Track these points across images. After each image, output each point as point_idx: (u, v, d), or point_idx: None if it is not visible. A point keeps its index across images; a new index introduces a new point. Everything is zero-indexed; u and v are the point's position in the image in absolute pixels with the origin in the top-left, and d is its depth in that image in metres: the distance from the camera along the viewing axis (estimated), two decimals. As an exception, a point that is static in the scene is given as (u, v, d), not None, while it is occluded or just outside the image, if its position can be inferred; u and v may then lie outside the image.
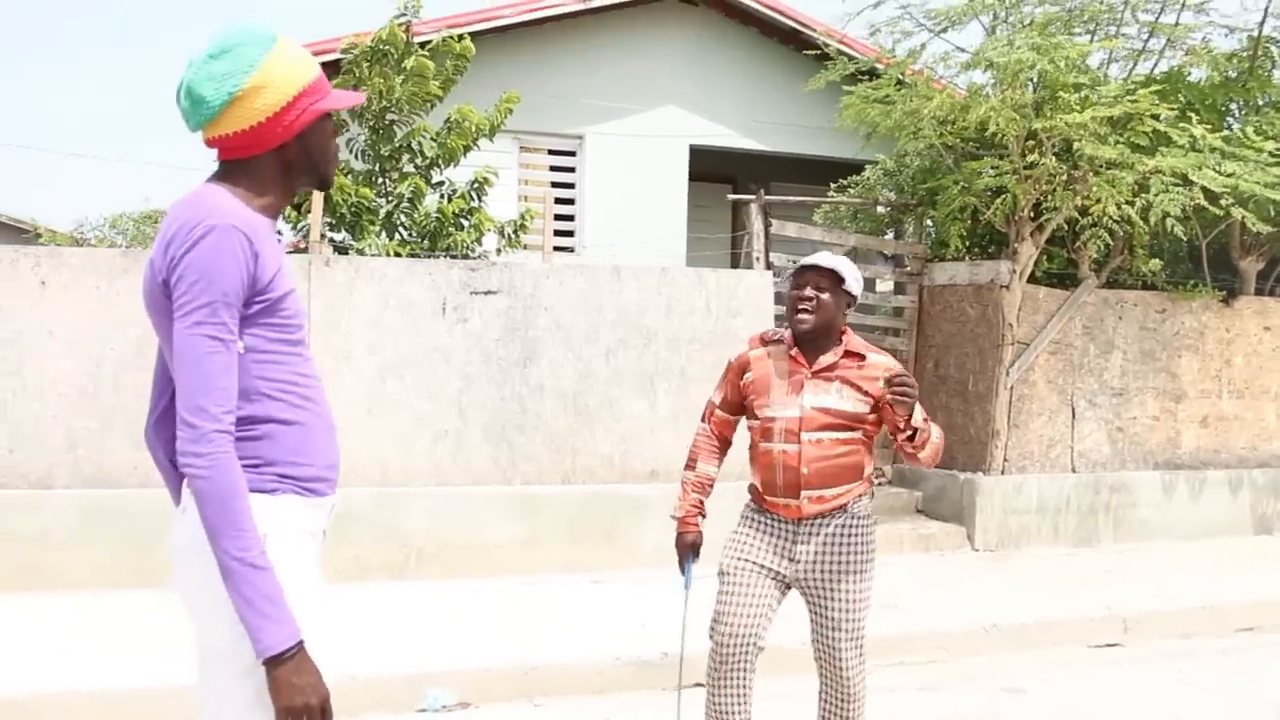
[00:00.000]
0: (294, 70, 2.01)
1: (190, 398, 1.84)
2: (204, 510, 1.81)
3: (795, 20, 10.73)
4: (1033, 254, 8.06)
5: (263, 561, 1.81)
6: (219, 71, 1.95)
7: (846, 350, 3.34)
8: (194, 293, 1.84)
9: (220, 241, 1.86)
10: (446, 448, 6.84)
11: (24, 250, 6.38)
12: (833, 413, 3.25)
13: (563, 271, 7.20)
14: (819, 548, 3.31)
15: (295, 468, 1.99)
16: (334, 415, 6.37)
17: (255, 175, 2.03)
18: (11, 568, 5.96)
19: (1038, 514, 8.17)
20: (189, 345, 1.84)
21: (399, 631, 5.49)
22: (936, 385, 8.74)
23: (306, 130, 2.05)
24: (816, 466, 3.25)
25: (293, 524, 1.97)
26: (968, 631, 5.87)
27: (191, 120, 2.00)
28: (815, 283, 3.29)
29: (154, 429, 2.20)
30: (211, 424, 1.83)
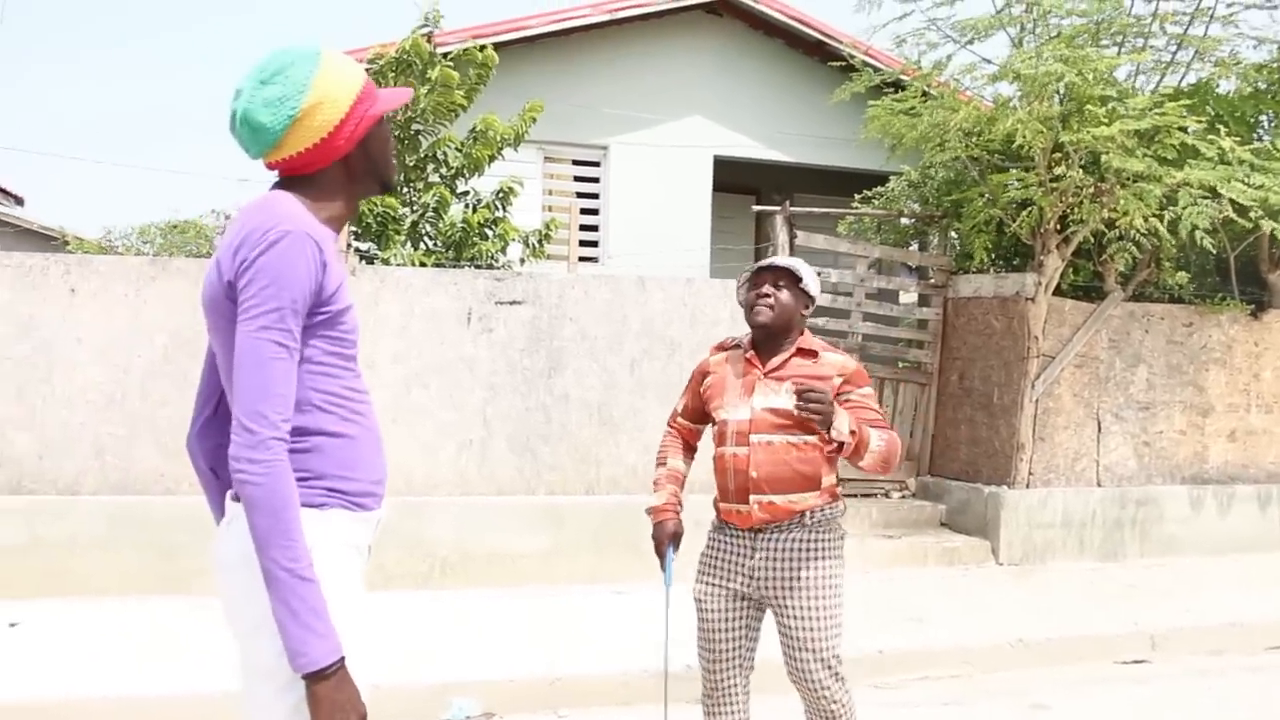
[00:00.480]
0: (345, 81, 2.01)
1: (250, 402, 1.82)
2: (255, 518, 1.79)
3: (821, 32, 10.72)
4: (1059, 266, 8.02)
5: (310, 574, 1.80)
6: (273, 96, 1.95)
7: (798, 349, 3.25)
8: (263, 297, 1.83)
9: (293, 248, 1.86)
10: (471, 457, 6.86)
11: (54, 258, 6.44)
12: (781, 414, 3.14)
13: (588, 282, 7.21)
14: (775, 562, 3.20)
15: (344, 482, 1.98)
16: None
17: (321, 187, 2.03)
18: (40, 573, 6.01)
19: (1063, 528, 8.12)
20: (253, 349, 1.83)
21: (424, 641, 5.51)
22: (961, 398, 8.71)
23: (366, 137, 2.05)
24: (766, 470, 3.14)
25: (340, 539, 1.96)
26: (993, 646, 5.84)
27: (253, 148, 2.00)
28: (772, 280, 3.24)
29: (197, 437, 2.19)
30: (270, 431, 1.81)
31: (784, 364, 3.22)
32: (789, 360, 3.23)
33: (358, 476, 2.01)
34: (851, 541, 7.58)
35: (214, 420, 2.17)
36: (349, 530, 1.99)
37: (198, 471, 2.21)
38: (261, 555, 1.79)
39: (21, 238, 16.67)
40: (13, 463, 6.19)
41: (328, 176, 2.04)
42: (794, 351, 3.24)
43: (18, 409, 6.20)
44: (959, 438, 8.71)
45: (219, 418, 2.17)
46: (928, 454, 8.98)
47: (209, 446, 2.18)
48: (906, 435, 8.94)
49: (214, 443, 2.17)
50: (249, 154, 2.02)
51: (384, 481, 2.10)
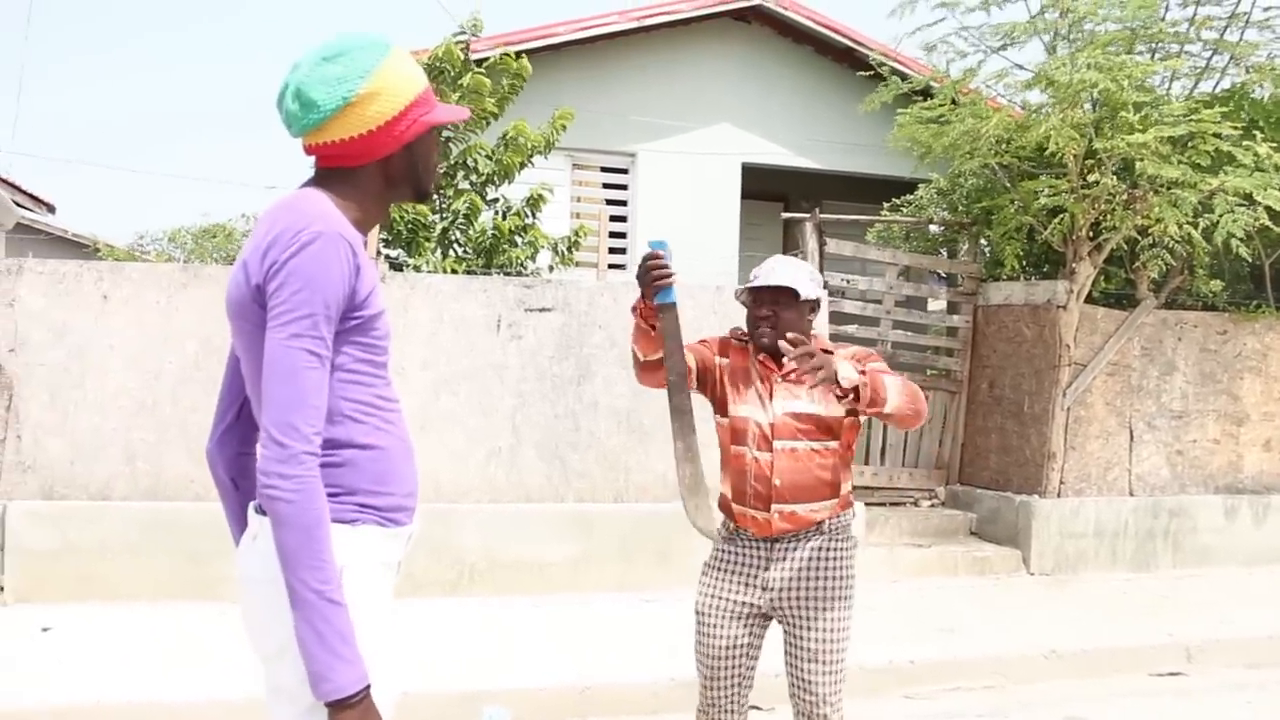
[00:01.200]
0: (407, 80, 1.93)
1: (281, 414, 1.73)
2: (283, 536, 1.71)
3: (850, 39, 10.69)
4: (1090, 274, 7.95)
5: (339, 596, 1.72)
6: (333, 75, 1.86)
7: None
8: (295, 302, 1.74)
9: (326, 250, 1.76)
10: (500, 464, 6.86)
11: (87, 265, 6.48)
12: (804, 417, 3.05)
13: (617, 289, 7.20)
14: (793, 573, 3.08)
15: (376, 496, 1.90)
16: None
17: (356, 185, 1.94)
18: (72, 578, 6.05)
19: (1095, 538, 8.04)
20: (286, 357, 1.74)
21: (453, 648, 5.50)
22: (991, 406, 8.65)
23: (414, 142, 1.96)
24: (790, 478, 3.04)
25: (371, 556, 1.87)
26: (1026, 657, 5.78)
27: (296, 125, 1.90)
28: (772, 299, 3.09)
29: (217, 445, 2.09)
30: (302, 444, 1.73)
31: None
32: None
33: (390, 490, 1.93)
34: (881, 551, 7.55)
35: (235, 427, 2.09)
36: (381, 547, 1.90)
37: (217, 481, 2.12)
38: (289, 574, 1.71)
39: (54, 245, 16.84)
40: (46, 468, 6.23)
41: (365, 175, 1.95)
42: None
43: (51, 415, 6.24)
44: (989, 446, 8.64)
45: (240, 424, 2.08)
46: (957, 462, 8.92)
47: (229, 455, 2.09)
48: (936, 443, 8.88)
49: (235, 451, 2.09)
50: (290, 130, 1.92)
51: (416, 494, 2.02)
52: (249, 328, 1.84)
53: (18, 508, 6.11)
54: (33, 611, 5.85)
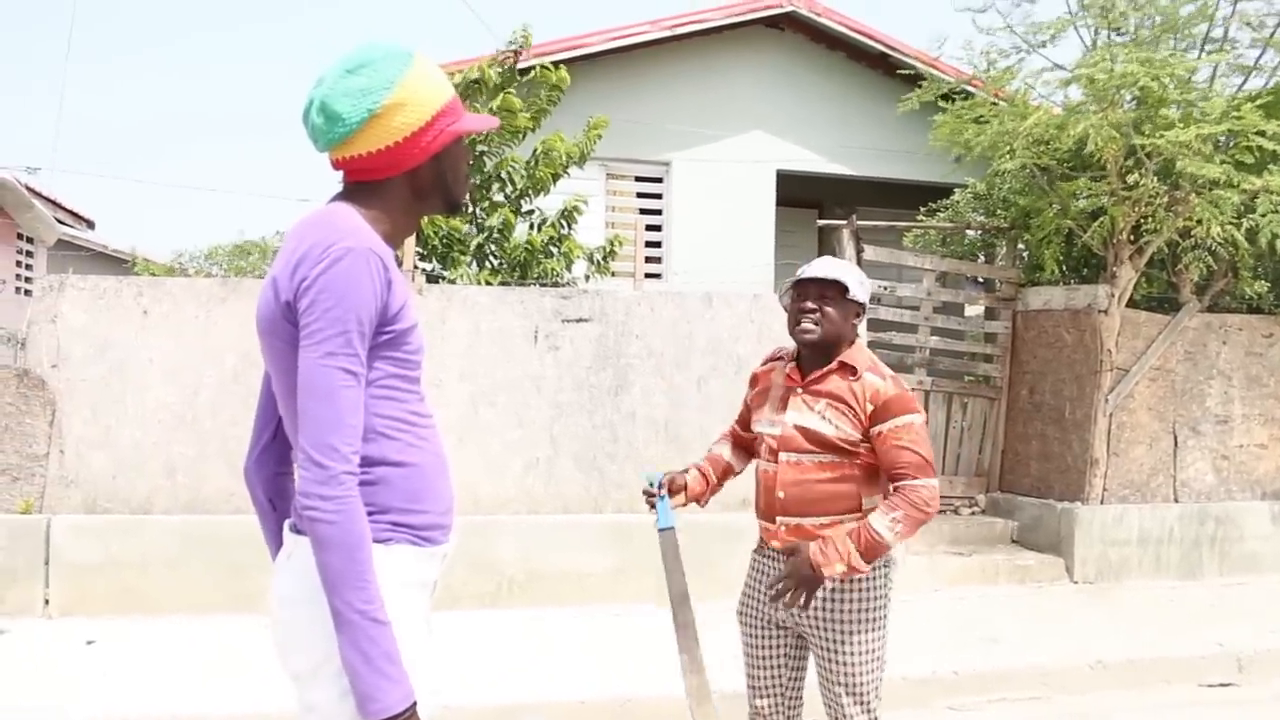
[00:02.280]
0: (433, 89, 1.90)
1: (320, 434, 1.71)
2: (327, 558, 1.69)
3: (884, 44, 10.63)
4: (1132, 277, 7.85)
5: (384, 616, 1.71)
6: (357, 87, 1.84)
7: (840, 363, 2.98)
8: (327, 320, 1.72)
9: (357, 265, 1.74)
10: (538, 475, 6.85)
11: (127, 280, 6.55)
12: (810, 435, 2.94)
13: (654, 298, 7.18)
14: (815, 598, 2.94)
15: (410, 515, 1.87)
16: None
17: (384, 198, 1.91)
18: (114, 591, 6.10)
19: (1139, 545, 7.92)
20: (322, 377, 1.72)
21: (492, 660, 5.50)
22: (1031, 412, 8.55)
23: (442, 152, 1.93)
24: (793, 491, 2.95)
25: (406, 577, 1.85)
26: (1071, 668, 5.70)
27: (322, 139, 1.88)
28: (818, 293, 2.97)
29: (255, 464, 2.08)
30: (342, 465, 1.71)
31: (822, 378, 2.99)
32: (828, 375, 2.98)
33: (425, 508, 1.89)
34: (922, 559, 7.47)
35: (272, 446, 2.07)
36: (414, 567, 1.88)
37: (254, 501, 2.10)
38: (333, 597, 1.70)
39: (94, 261, 17.05)
40: (88, 482, 6.29)
41: (393, 187, 1.92)
42: (835, 366, 2.98)
43: (93, 429, 6.30)
44: (1029, 453, 8.54)
45: (277, 444, 2.07)
46: (998, 469, 8.83)
47: (267, 475, 2.08)
48: (975, 450, 8.79)
49: (272, 471, 2.08)
50: (317, 145, 1.90)
51: (451, 511, 1.98)
52: (280, 345, 1.83)
53: (61, 521, 6.18)
54: (76, 624, 5.91)
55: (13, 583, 6.09)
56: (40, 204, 13.88)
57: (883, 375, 2.96)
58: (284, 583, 1.86)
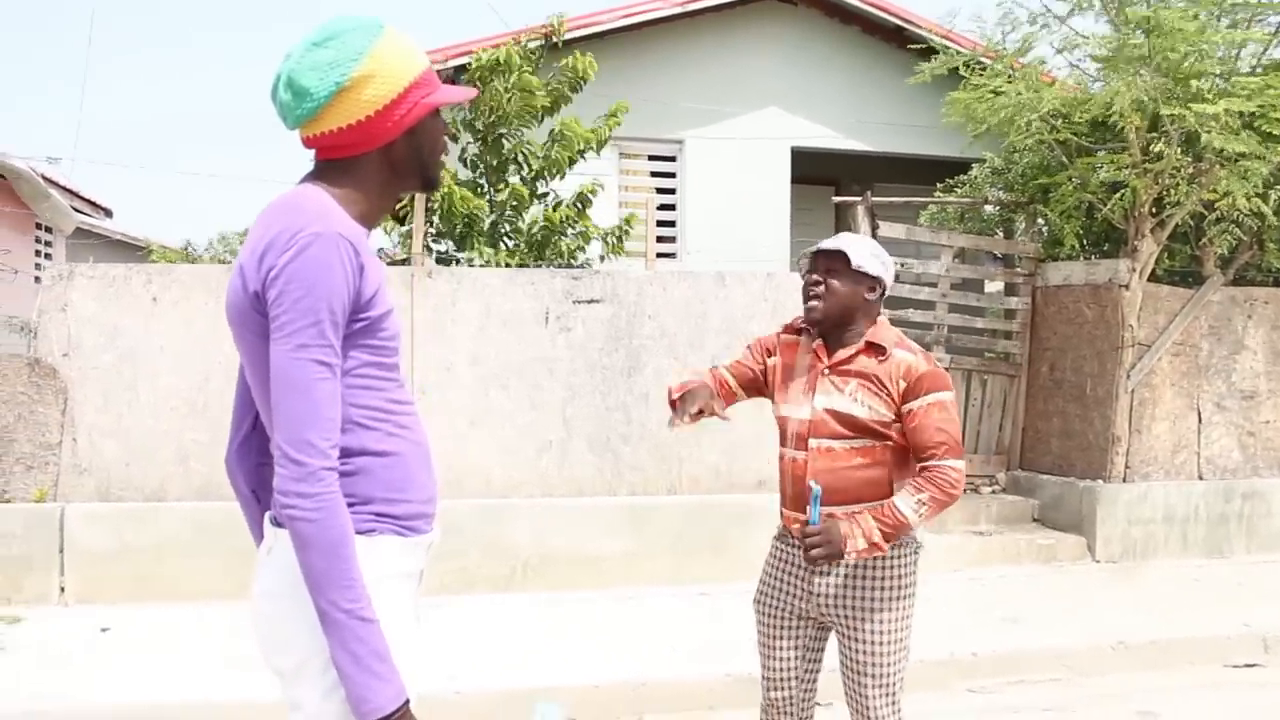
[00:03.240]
0: (405, 60, 1.81)
1: (295, 430, 1.65)
2: (308, 557, 1.64)
3: (899, 17, 10.46)
4: (1154, 251, 7.71)
5: (371, 614, 1.66)
6: (324, 60, 1.75)
7: (868, 342, 2.88)
8: (298, 310, 1.65)
9: (326, 252, 1.66)
10: (551, 458, 6.80)
11: (136, 268, 6.52)
12: (842, 418, 2.82)
13: (666, 278, 7.11)
14: (841, 580, 2.88)
15: (393, 505, 1.80)
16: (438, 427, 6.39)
17: (357, 177, 1.83)
18: (128, 578, 6.09)
19: (1164, 523, 7.81)
20: (295, 371, 1.65)
21: (506, 644, 5.46)
22: (1052, 389, 8.43)
23: (417, 126, 1.85)
24: (825, 480, 2.79)
25: (390, 568, 1.79)
26: (1093, 648, 5.61)
27: (291, 116, 1.79)
28: (825, 267, 2.88)
29: (236, 456, 2.03)
30: (320, 460, 1.65)
31: (851, 359, 2.87)
32: (856, 355, 2.87)
33: (407, 498, 1.83)
34: (941, 539, 7.39)
35: (252, 437, 2.01)
36: (399, 558, 1.82)
37: (237, 493, 2.05)
38: (318, 597, 1.64)
39: (112, 248, 17.09)
40: (101, 470, 6.28)
41: (367, 165, 1.83)
42: (863, 346, 2.88)
43: (105, 417, 6.29)
44: (1050, 430, 8.43)
45: (257, 434, 2.01)
46: (1018, 447, 8.72)
47: (249, 466, 2.02)
48: (996, 428, 8.69)
49: (254, 462, 2.02)
50: (286, 122, 1.81)
51: (435, 500, 1.92)
52: (250, 336, 1.76)
53: (75, 509, 6.17)
54: (92, 612, 5.91)
55: (29, 571, 6.09)
56: (58, 194, 13.90)
57: (913, 350, 2.88)
58: (265, 577, 1.81)
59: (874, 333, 2.90)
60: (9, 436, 6.23)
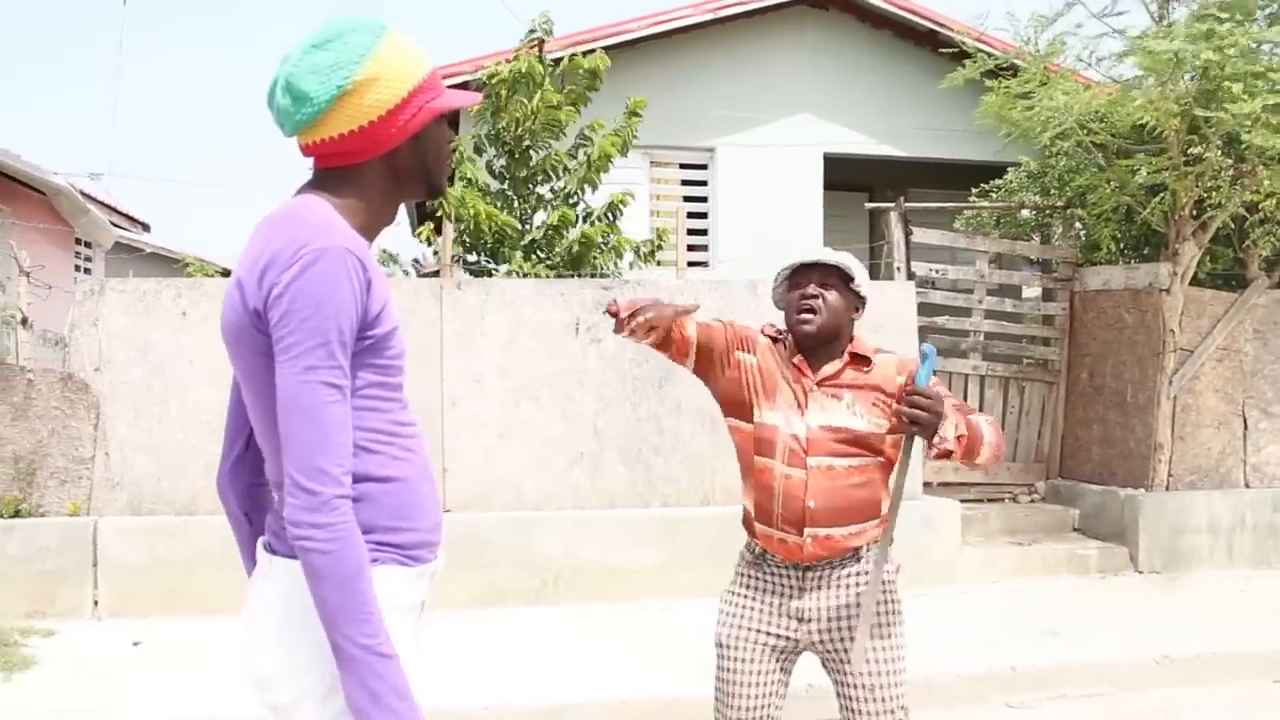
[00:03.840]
0: (409, 62, 1.73)
1: (306, 456, 1.57)
2: (323, 590, 1.56)
3: (932, 20, 10.36)
4: (1195, 254, 7.55)
5: (390, 649, 1.58)
6: (325, 63, 1.67)
7: (852, 353, 2.76)
8: (304, 331, 1.57)
9: (332, 268, 1.58)
10: (582, 470, 6.75)
11: (165, 282, 6.55)
12: (843, 432, 2.67)
13: (697, 287, 7.05)
14: (833, 604, 2.71)
15: (396, 533, 1.72)
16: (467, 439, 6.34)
17: (359, 185, 1.75)
18: (160, 592, 6.10)
19: (1209, 533, 7.63)
20: (304, 395, 1.57)
21: (538, 659, 5.41)
22: (1091, 396, 8.28)
23: (421, 132, 1.77)
24: (825, 500, 2.65)
25: (393, 600, 1.69)
26: (1136, 663, 5.48)
27: (289, 122, 1.71)
28: (820, 280, 2.72)
29: (229, 477, 1.94)
30: (333, 489, 1.57)
31: (838, 374, 2.74)
32: (843, 370, 2.74)
33: (412, 525, 1.74)
34: (978, 550, 7.28)
35: (245, 457, 1.92)
36: (404, 589, 1.73)
37: (230, 516, 1.97)
38: (333, 632, 1.56)
39: (151, 262, 17.29)
40: (133, 484, 6.30)
41: (370, 172, 1.75)
42: (847, 360, 2.75)
43: (136, 431, 6.31)
44: (1090, 438, 8.28)
45: (250, 454, 1.91)
46: (1057, 455, 8.57)
47: (242, 487, 1.94)
48: (1034, 436, 8.55)
49: (247, 482, 1.94)
50: (284, 129, 1.73)
51: (440, 528, 1.83)
52: (248, 354, 1.67)
53: (108, 523, 6.19)
54: (124, 625, 5.93)
55: (62, 584, 6.12)
56: (96, 209, 14.07)
57: (890, 352, 2.84)
58: (259, 608, 1.73)
59: (856, 346, 2.79)
60: (43, 451, 6.27)
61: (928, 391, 2.45)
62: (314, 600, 1.57)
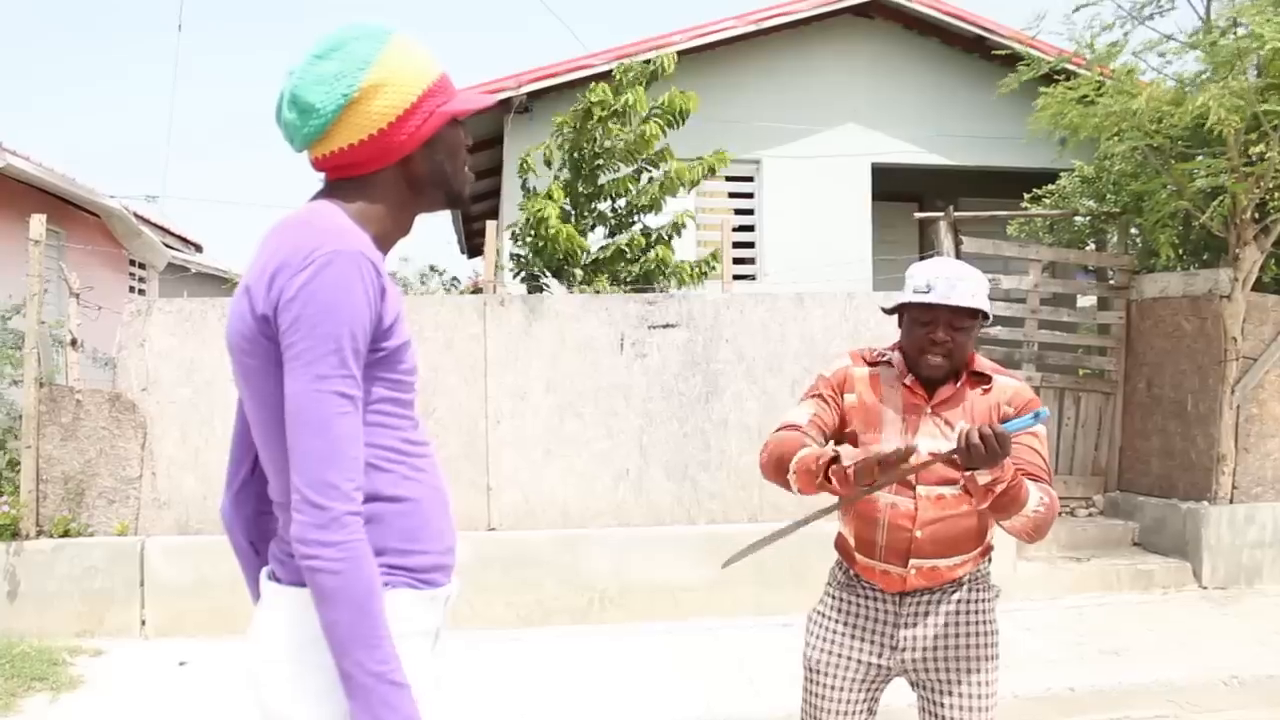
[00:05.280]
0: (416, 67, 1.66)
1: (315, 470, 1.49)
2: (331, 613, 1.48)
3: (979, 26, 10.21)
4: (1257, 259, 7.32)
5: (403, 677, 1.51)
6: (329, 73, 1.61)
7: (971, 372, 2.65)
8: (315, 338, 1.49)
9: (346, 272, 1.51)
10: (628, 487, 6.67)
11: (210, 302, 6.58)
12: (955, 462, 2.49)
13: (743, 301, 6.95)
14: (931, 634, 2.64)
15: (408, 556, 1.65)
16: (512, 456, 6.27)
17: (373, 194, 1.68)
18: (206, 612, 6.09)
19: (1274, 547, 7.37)
20: (314, 405, 1.49)
21: (585, 679, 5.34)
22: (1150, 407, 8.06)
23: (435, 138, 1.70)
24: (933, 530, 2.56)
25: (406, 625, 1.61)
26: (1203, 684, 5.29)
27: (297, 136, 1.66)
28: (951, 321, 2.57)
29: (233, 504, 1.87)
30: (344, 505, 1.49)
31: (955, 395, 2.62)
32: (960, 391, 2.62)
33: (425, 547, 1.67)
34: (1036, 566, 7.10)
35: (251, 482, 1.84)
36: (416, 614, 1.65)
37: (234, 545, 1.90)
38: (341, 658, 1.48)
39: (204, 282, 17.47)
40: (180, 503, 6.32)
41: (383, 181, 1.69)
42: (965, 378, 2.64)
43: (183, 451, 6.33)
44: (1150, 450, 8.06)
45: (256, 480, 1.82)
46: (1115, 468, 8.35)
47: (247, 515, 1.86)
48: (1091, 448, 8.33)
49: (253, 509, 1.86)
50: (293, 144, 1.68)
51: (454, 550, 1.75)
52: (255, 364, 1.59)
53: (155, 543, 6.22)
54: (170, 645, 5.93)
55: (111, 604, 6.15)
56: (150, 230, 14.26)
57: (1013, 376, 2.70)
58: (265, 640, 1.66)
59: (974, 363, 2.67)
60: (92, 471, 6.31)
61: (1004, 438, 2.24)
62: (323, 625, 1.50)
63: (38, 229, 6.36)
